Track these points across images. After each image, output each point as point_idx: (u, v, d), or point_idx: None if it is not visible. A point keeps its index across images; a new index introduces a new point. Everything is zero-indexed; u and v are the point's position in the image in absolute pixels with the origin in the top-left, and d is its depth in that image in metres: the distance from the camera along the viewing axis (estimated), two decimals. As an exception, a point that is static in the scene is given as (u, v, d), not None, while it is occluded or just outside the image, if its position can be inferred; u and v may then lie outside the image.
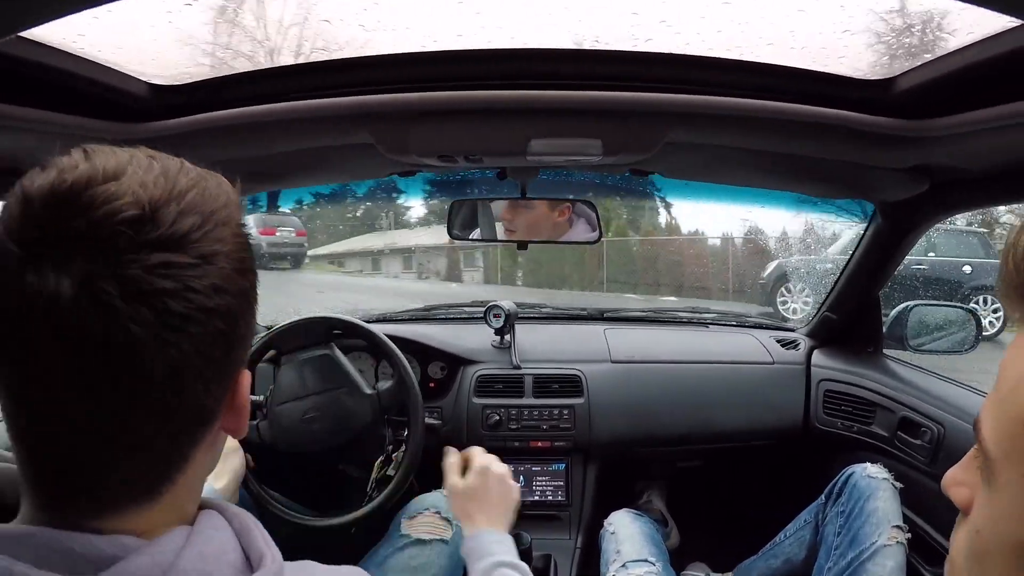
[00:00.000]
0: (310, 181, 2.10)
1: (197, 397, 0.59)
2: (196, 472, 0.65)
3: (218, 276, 0.57)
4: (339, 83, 1.39)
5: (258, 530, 0.66)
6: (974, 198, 1.75)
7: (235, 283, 0.59)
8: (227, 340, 0.59)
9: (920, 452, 1.94)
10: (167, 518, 0.62)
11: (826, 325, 2.57)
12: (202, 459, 0.65)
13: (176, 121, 1.39)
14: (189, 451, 0.62)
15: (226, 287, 0.58)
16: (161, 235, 0.54)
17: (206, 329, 0.56)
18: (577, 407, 2.39)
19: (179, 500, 0.64)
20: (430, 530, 1.76)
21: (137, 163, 0.58)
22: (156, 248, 0.53)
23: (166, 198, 0.56)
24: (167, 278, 0.53)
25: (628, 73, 1.34)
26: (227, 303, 0.58)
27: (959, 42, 1.10)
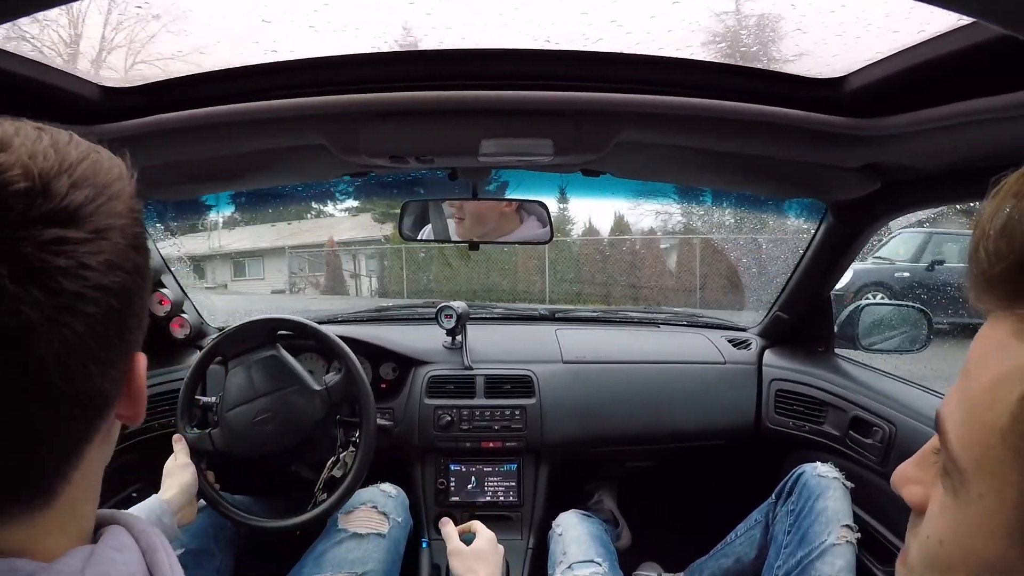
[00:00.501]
0: (263, 182, 2.08)
1: (92, 381, 0.55)
2: (92, 468, 0.61)
3: (113, 252, 0.54)
4: (291, 84, 1.37)
5: (164, 549, 0.63)
6: (925, 197, 1.76)
7: (130, 259, 0.56)
8: (122, 320, 0.56)
9: (872, 451, 1.95)
10: (66, 527, 0.59)
11: (777, 325, 2.58)
12: (97, 453, 0.61)
13: (128, 123, 1.37)
14: (84, 444, 0.58)
15: (121, 263, 0.55)
16: (53, 209, 0.51)
17: (100, 308, 0.53)
18: (528, 407, 2.38)
19: (77, 503, 0.60)
20: (366, 524, 1.81)
21: (24, 135, 0.54)
22: (48, 223, 0.50)
23: (57, 170, 0.53)
24: (60, 255, 0.50)
25: (579, 73, 1.34)
26: (122, 280, 0.55)
27: (909, 40, 1.10)
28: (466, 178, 1.87)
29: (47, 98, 1.25)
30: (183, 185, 1.93)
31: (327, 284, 18.53)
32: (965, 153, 1.40)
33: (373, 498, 1.89)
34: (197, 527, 1.84)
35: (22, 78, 1.16)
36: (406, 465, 2.42)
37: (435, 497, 2.37)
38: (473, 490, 2.39)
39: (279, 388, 1.89)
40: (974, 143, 1.29)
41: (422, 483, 2.40)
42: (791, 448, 2.36)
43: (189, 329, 2.47)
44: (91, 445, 0.59)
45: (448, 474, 2.40)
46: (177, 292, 2.46)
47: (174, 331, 2.46)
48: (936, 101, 1.14)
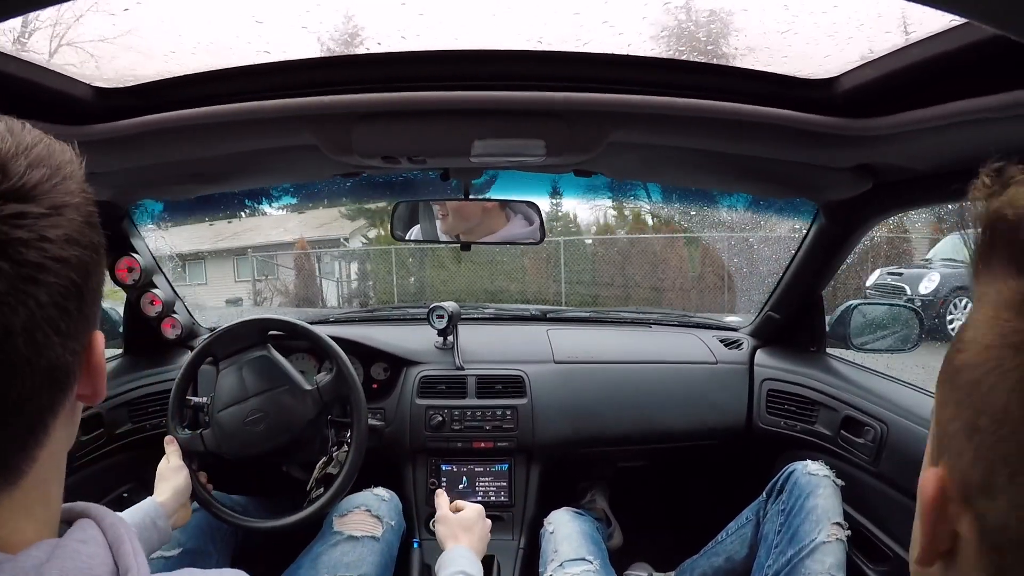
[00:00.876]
0: (255, 182, 2.08)
1: (55, 353, 0.56)
2: (57, 448, 0.62)
3: (69, 227, 0.56)
4: (283, 84, 1.37)
5: (130, 542, 0.63)
6: (917, 197, 1.76)
7: (85, 235, 0.58)
8: (80, 293, 0.58)
9: (863, 451, 1.95)
10: (33, 511, 0.60)
11: (769, 324, 2.58)
12: (61, 432, 0.62)
13: (120, 123, 1.38)
14: (49, 419, 0.59)
15: (78, 238, 0.57)
16: (12, 186, 0.53)
17: (61, 280, 0.55)
18: (520, 407, 2.38)
19: (43, 484, 0.61)
20: (361, 528, 1.83)
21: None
22: (8, 199, 0.53)
23: (14, 151, 0.55)
24: (21, 228, 0.53)
25: (571, 74, 1.34)
26: (79, 255, 0.57)
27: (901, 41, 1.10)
28: (458, 178, 1.87)
29: (39, 98, 1.25)
30: (175, 185, 1.93)
31: (298, 292, 17.18)
32: (957, 153, 1.40)
33: (367, 502, 1.90)
34: (193, 526, 1.85)
35: (14, 78, 1.16)
36: (397, 465, 2.42)
37: (426, 497, 2.37)
38: (464, 490, 2.39)
39: (270, 388, 1.89)
40: (966, 143, 1.29)
41: (413, 483, 2.40)
42: (783, 448, 2.36)
43: (180, 329, 2.47)
44: (55, 423, 0.60)
45: (439, 474, 2.40)
46: (168, 292, 2.46)
47: (165, 331, 2.46)
48: (928, 102, 1.14)
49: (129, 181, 1.80)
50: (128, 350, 2.48)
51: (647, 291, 13.69)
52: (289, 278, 17.46)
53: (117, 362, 2.40)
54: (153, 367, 2.35)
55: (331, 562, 1.74)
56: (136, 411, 2.23)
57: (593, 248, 15.03)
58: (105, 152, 1.47)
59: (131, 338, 2.48)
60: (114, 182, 1.79)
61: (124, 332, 2.47)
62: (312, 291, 16.98)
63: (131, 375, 2.28)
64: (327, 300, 16.85)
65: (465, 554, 1.59)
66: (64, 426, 0.62)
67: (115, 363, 2.38)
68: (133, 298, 2.38)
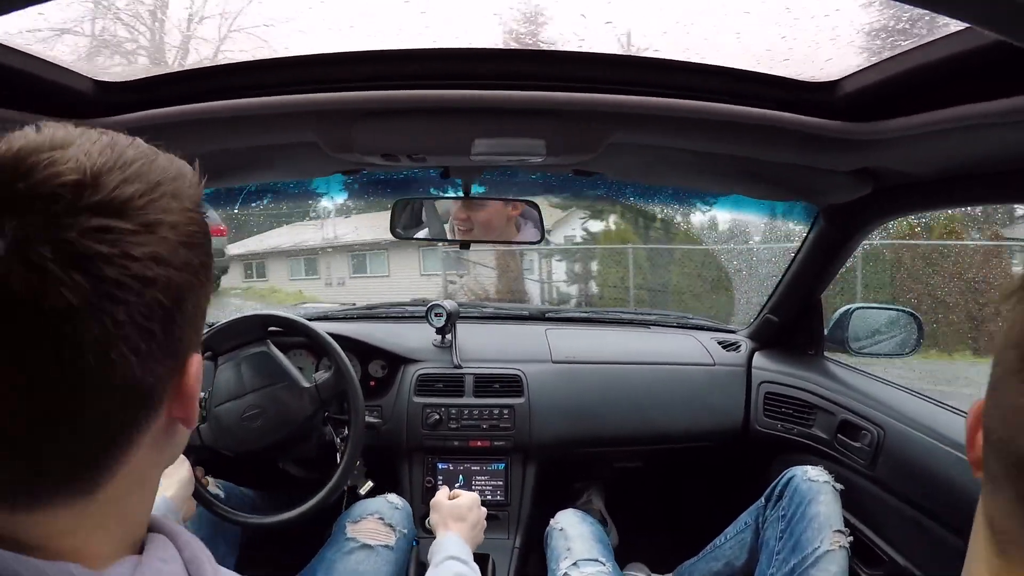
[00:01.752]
0: (255, 178, 2.07)
1: (132, 372, 0.55)
2: (142, 467, 0.62)
3: (160, 245, 0.55)
4: (284, 81, 1.37)
5: (209, 563, 0.65)
6: (917, 202, 1.76)
7: (180, 256, 0.57)
8: (167, 315, 0.56)
9: (860, 455, 1.95)
10: (110, 526, 0.60)
11: (767, 327, 2.58)
12: (149, 452, 0.62)
13: (121, 118, 1.37)
14: (130, 438, 0.59)
15: (168, 259, 0.56)
16: (101, 200, 0.52)
17: (143, 299, 0.54)
18: (517, 407, 2.39)
19: (122, 501, 0.61)
20: (375, 536, 1.81)
21: (87, 136, 0.57)
22: (95, 213, 0.52)
23: (110, 166, 0.54)
24: (103, 243, 0.52)
25: (572, 74, 1.33)
26: (168, 275, 0.56)
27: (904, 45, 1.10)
28: (458, 177, 1.87)
29: (41, 92, 1.25)
30: None
31: (501, 292, 14.31)
32: (958, 158, 1.40)
33: (380, 509, 1.89)
34: (201, 518, 1.85)
35: (14, 71, 1.16)
36: (394, 463, 2.42)
37: (422, 495, 2.37)
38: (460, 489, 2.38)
39: (268, 384, 1.89)
40: (967, 148, 1.29)
41: (409, 482, 2.40)
42: (779, 451, 2.36)
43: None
44: (139, 441, 0.60)
45: (436, 472, 2.40)
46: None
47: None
48: (929, 106, 1.14)
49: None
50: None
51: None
52: (484, 275, 15.08)
53: None
54: None
55: (346, 570, 1.73)
56: None
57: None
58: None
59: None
60: None
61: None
62: (517, 292, 14.76)
63: None
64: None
65: (455, 540, 1.62)
66: (152, 447, 0.62)
67: None
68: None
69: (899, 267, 10.72)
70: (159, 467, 0.67)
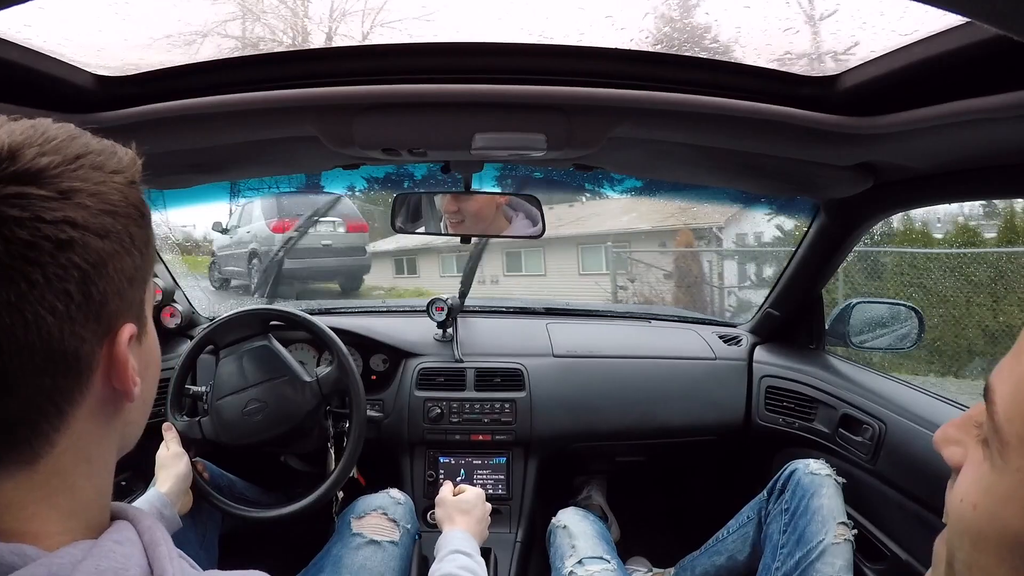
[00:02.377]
0: (256, 173, 2.08)
1: (51, 332, 0.57)
2: (84, 440, 0.63)
3: (76, 211, 0.57)
4: (284, 75, 1.37)
5: (165, 544, 0.64)
6: (918, 196, 1.76)
7: (99, 222, 0.59)
8: (85, 276, 0.58)
9: (861, 449, 1.95)
10: (57, 500, 0.61)
11: (769, 322, 2.58)
12: (90, 425, 0.63)
13: (122, 112, 1.37)
14: (64, 405, 0.60)
15: (86, 224, 0.58)
16: (17, 170, 0.55)
17: (57, 261, 0.56)
18: (519, 401, 2.39)
19: (67, 474, 0.62)
20: (380, 532, 1.81)
21: (17, 123, 0.60)
22: (10, 182, 0.55)
23: (30, 142, 0.57)
24: (15, 207, 0.54)
25: (572, 68, 1.33)
26: (86, 240, 0.58)
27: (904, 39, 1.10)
28: (459, 171, 1.87)
29: (40, 86, 1.25)
30: (175, 175, 1.93)
31: (680, 299, 12.20)
32: (959, 153, 1.40)
33: (383, 504, 1.89)
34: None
35: (15, 65, 1.16)
36: (395, 457, 2.43)
37: (424, 489, 2.38)
38: (462, 483, 2.38)
39: (270, 378, 1.90)
40: (968, 143, 1.29)
41: (411, 476, 2.40)
42: (781, 445, 2.36)
43: (180, 318, 2.48)
44: (74, 412, 0.61)
45: (437, 466, 2.41)
46: (168, 281, 2.47)
47: (164, 320, 2.47)
48: (930, 100, 1.14)
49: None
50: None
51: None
52: (655, 277, 12.55)
53: None
54: None
55: (354, 566, 1.73)
56: None
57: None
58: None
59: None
60: None
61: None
62: (699, 302, 12.29)
63: None
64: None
65: (461, 535, 1.61)
66: (93, 419, 0.63)
67: None
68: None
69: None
70: (107, 445, 0.67)
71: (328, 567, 1.74)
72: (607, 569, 1.82)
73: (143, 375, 0.68)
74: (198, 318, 2.64)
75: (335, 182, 2.33)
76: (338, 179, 2.30)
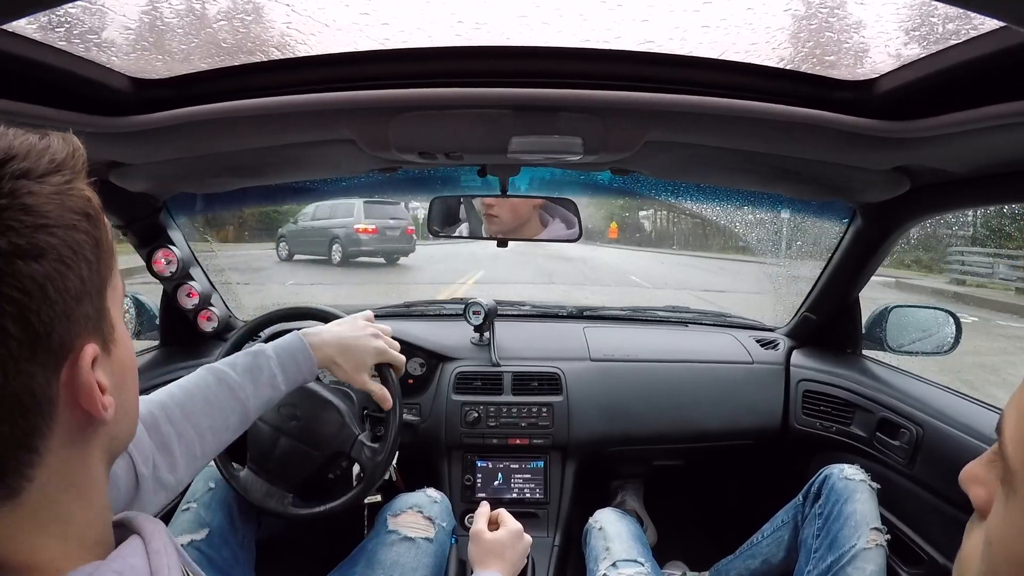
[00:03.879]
0: (291, 176, 2.09)
1: (2, 379, 0.53)
2: (65, 468, 0.60)
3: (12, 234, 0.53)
4: (320, 79, 1.38)
5: (168, 571, 0.62)
6: (954, 200, 1.75)
7: (31, 242, 0.54)
8: (23, 310, 0.53)
9: (898, 453, 1.94)
10: (49, 530, 0.60)
11: (806, 325, 2.57)
12: (68, 452, 0.60)
13: (156, 115, 1.38)
14: (31, 442, 0.56)
15: (13, 250, 0.53)
16: None
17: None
18: (556, 405, 2.40)
19: (53, 505, 0.60)
20: (415, 529, 1.81)
21: None
22: None
23: None
24: None
25: (609, 72, 1.34)
26: (14, 268, 0.53)
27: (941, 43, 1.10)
28: (496, 175, 1.88)
29: (76, 89, 1.27)
30: (212, 178, 1.95)
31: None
32: (995, 156, 1.39)
33: (419, 502, 1.89)
34: (219, 503, 1.85)
35: (54, 69, 1.18)
36: (433, 461, 2.44)
37: (461, 493, 2.39)
38: (500, 487, 2.40)
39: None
40: (1004, 147, 1.29)
41: (448, 479, 2.42)
42: (818, 449, 2.35)
43: (217, 322, 2.50)
44: (46, 446, 0.58)
45: (475, 470, 2.42)
46: (205, 285, 2.48)
47: (202, 324, 2.49)
48: (967, 104, 1.14)
49: (165, 173, 1.82)
50: (164, 342, 2.51)
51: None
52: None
53: (153, 354, 2.42)
54: (189, 359, 2.37)
55: (388, 561, 1.74)
56: None
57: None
58: (141, 144, 1.49)
59: (167, 330, 2.51)
60: (150, 174, 1.80)
61: (160, 324, 2.50)
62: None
63: (167, 367, 2.30)
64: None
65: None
66: (71, 446, 0.61)
67: (151, 355, 2.41)
68: (170, 290, 2.41)
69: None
70: (93, 464, 0.65)
71: (362, 562, 1.75)
72: (641, 572, 1.81)
73: (120, 388, 0.65)
74: (235, 322, 2.65)
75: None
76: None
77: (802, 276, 2.82)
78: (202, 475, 1.90)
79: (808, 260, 3.41)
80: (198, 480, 1.89)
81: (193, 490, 1.86)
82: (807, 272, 2.65)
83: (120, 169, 1.72)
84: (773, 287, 4.35)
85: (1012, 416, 0.54)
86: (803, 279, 2.70)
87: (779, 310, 3.08)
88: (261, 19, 1.34)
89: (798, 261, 4.05)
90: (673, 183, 2.33)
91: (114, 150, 1.56)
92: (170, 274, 2.32)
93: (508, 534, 1.66)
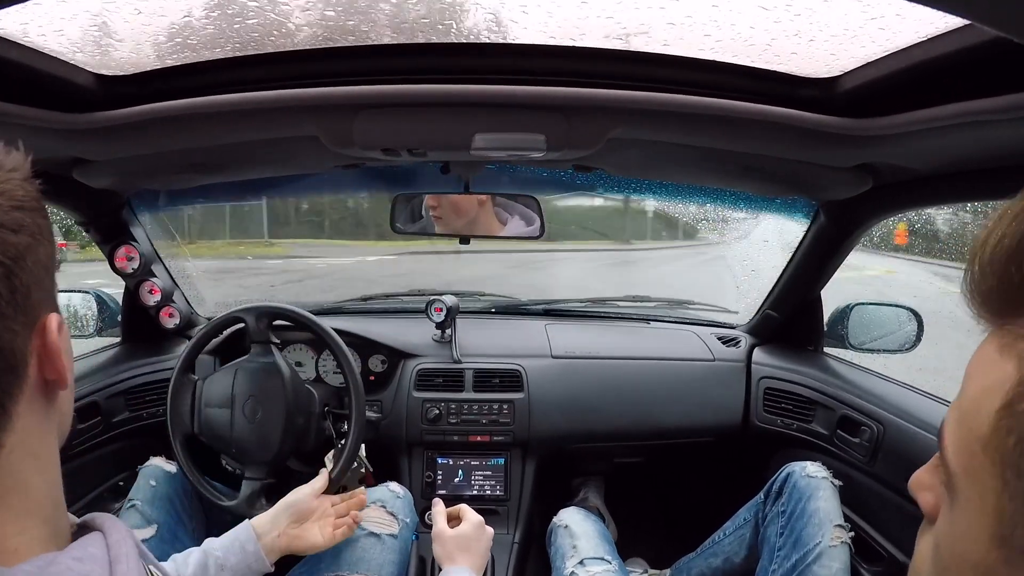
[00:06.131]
0: (254, 172, 2.07)
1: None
2: (29, 435, 0.63)
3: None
4: (284, 75, 1.37)
5: (126, 562, 0.63)
6: (917, 198, 1.76)
7: (11, 217, 0.60)
8: (9, 273, 0.59)
9: (859, 450, 1.96)
10: (9, 502, 0.61)
11: (767, 323, 2.59)
12: (32, 419, 0.63)
13: (122, 111, 1.37)
14: (6, 403, 0.60)
15: (2, 222, 0.59)
16: None
17: None
18: (517, 402, 2.39)
19: (16, 475, 0.62)
20: (379, 525, 1.81)
21: None
22: None
23: None
24: None
25: (572, 69, 1.33)
26: (2, 236, 0.59)
27: (904, 41, 1.10)
28: (459, 172, 1.87)
29: (41, 85, 1.26)
30: (175, 175, 1.93)
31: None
32: (958, 154, 1.40)
33: (383, 497, 1.89)
34: (163, 500, 1.85)
35: (15, 64, 1.16)
36: (394, 458, 2.43)
37: (422, 490, 2.38)
38: (460, 484, 2.40)
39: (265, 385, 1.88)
40: (967, 144, 1.29)
41: (409, 476, 2.40)
42: (779, 446, 2.36)
43: (179, 319, 2.47)
44: (15, 409, 0.61)
45: (435, 467, 2.41)
46: (167, 282, 2.46)
47: (164, 320, 2.47)
48: (930, 102, 1.14)
49: (129, 170, 1.79)
50: (126, 339, 2.48)
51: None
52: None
53: (115, 351, 2.40)
54: (151, 356, 2.35)
55: (353, 557, 1.73)
56: (133, 400, 2.23)
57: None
58: (105, 140, 1.47)
59: (129, 327, 2.48)
60: (114, 170, 1.78)
61: (122, 321, 2.48)
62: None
63: (129, 363, 2.29)
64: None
65: (465, 574, 1.59)
66: (33, 413, 0.63)
67: (113, 352, 2.39)
68: (132, 286, 2.38)
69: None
70: (49, 439, 0.67)
71: (327, 558, 1.74)
72: (608, 570, 1.82)
73: (69, 360, 0.68)
74: (197, 319, 2.63)
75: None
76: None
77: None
78: (143, 473, 1.91)
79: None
80: (140, 478, 1.89)
81: (136, 487, 1.86)
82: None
83: (84, 166, 1.71)
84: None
85: (951, 423, 0.55)
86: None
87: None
88: (227, 15, 1.32)
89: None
90: (637, 180, 2.33)
91: (78, 147, 1.54)
92: (132, 271, 2.31)
93: (471, 527, 1.68)
